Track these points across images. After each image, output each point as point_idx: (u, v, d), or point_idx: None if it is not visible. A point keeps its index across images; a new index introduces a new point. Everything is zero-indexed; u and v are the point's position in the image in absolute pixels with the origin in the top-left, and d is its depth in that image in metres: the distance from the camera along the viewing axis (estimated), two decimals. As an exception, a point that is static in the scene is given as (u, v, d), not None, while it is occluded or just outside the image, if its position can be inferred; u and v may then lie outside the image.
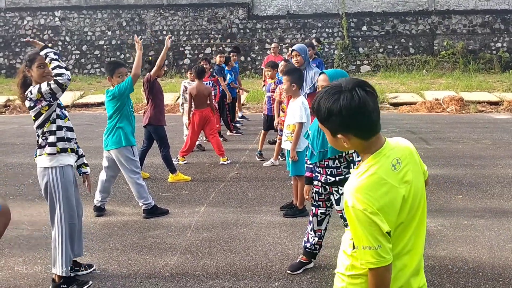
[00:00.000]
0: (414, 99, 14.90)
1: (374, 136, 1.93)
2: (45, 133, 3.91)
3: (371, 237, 1.82)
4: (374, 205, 1.82)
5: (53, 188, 3.88)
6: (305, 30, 20.89)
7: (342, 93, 1.86)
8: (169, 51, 20.70)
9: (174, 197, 6.38)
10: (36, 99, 3.82)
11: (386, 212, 1.84)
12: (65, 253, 3.91)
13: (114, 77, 5.45)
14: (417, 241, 1.98)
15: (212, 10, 21.18)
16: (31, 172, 7.43)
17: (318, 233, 4.21)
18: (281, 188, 6.61)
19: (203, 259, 4.49)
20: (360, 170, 1.92)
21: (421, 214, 1.98)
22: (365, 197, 1.83)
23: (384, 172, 1.88)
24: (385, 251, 1.83)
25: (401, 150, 1.98)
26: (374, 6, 20.77)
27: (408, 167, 1.94)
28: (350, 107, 1.84)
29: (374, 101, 1.88)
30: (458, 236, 4.90)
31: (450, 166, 7.66)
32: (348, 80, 1.92)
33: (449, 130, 10.82)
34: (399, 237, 1.92)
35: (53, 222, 3.96)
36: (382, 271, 1.84)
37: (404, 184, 1.90)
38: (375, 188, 1.85)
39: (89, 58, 21.15)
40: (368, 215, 1.82)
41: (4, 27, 21.55)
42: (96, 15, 21.40)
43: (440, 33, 20.44)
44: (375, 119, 1.89)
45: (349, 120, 1.86)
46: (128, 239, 5.00)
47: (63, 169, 3.91)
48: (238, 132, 10.70)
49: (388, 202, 1.85)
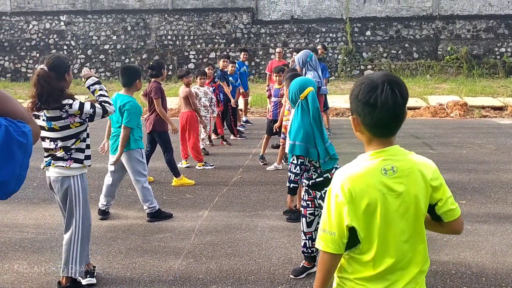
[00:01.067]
0: (418, 104, 14.90)
1: (382, 137, 1.93)
2: (71, 149, 3.90)
3: (330, 222, 1.92)
4: (345, 196, 1.88)
5: (74, 193, 3.94)
6: (309, 35, 20.93)
7: (370, 81, 1.89)
8: (174, 56, 20.81)
9: (178, 201, 6.40)
10: (72, 113, 3.80)
11: (357, 206, 1.88)
12: (80, 255, 3.97)
13: (138, 83, 5.61)
14: (410, 263, 1.95)
15: (216, 15, 21.27)
16: (36, 175, 7.47)
17: (308, 235, 4.23)
18: (285, 192, 6.57)
19: (207, 263, 4.50)
20: (358, 159, 1.96)
21: (409, 234, 1.94)
22: (342, 185, 1.90)
23: (372, 171, 1.91)
24: (335, 241, 1.91)
25: (405, 162, 1.94)
26: (378, 11, 20.80)
27: (401, 180, 1.91)
28: (366, 94, 1.87)
29: (396, 104, 1.86)
30: (461, 241, 4.90)
31: (453, 171, 7.66)
32: (384, 73, 1.92)
33: (453, 135, 10.81)
34: (383, 253, 1.92)
35: (69, 226, 3.98)
36: (326, 256, 1.94)
37: (389, 192, 1.90)
38: (356, 181, 1.89)
39: (94, 62, 21.25)
40: (337, 201, 1.90)
41: (10, 31, 21.69)
42: (101, 19, 21.52)
43: (444, 38, 20.44)
44: (387, 120, 1.88)
45: (360, 106, 1.89)
46: (132, 243, 5.02)
47: (83, 175, 4.02)
48: (242, 137, 10.72)
49: (361, 199, 1.88)
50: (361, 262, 1.96)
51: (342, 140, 9.02)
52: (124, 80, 5.58)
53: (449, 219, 1.99)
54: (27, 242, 5.06)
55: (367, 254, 1.94)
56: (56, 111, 3.78)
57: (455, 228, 2.05)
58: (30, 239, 5.14)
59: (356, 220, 1.89)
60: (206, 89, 9.01)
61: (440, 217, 1.99)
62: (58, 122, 3.82)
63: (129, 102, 5.51)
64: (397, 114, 1.89)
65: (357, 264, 1.97)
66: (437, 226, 2.06)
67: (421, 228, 1.97)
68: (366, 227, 1.91)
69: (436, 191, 1.96)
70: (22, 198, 6.62)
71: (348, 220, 1.88)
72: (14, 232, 5.35)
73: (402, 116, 1.92)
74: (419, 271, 1.97)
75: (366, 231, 1.91)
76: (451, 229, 2.05)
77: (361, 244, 1.93)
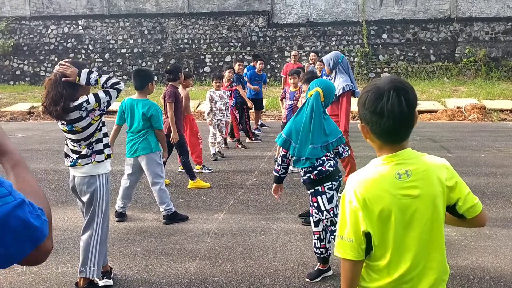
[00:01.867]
0: (435, 107, 14.77)
1: (391, 144, 1.91)
2: (92, 143, 3.89)
3: (346, 228, 1.89)
4: (359, 202, 1.86)
5: (100, 194, 3.96)
6: (324, 38, 20.89)
7: (376, 88, 1.87)
8: (190, 59, 20.93)
9: (193, 203, 6.43)
10: (92, 108, 3.77)
11: (371, 212, 1.86)
12: (99, 256, 4.00)
13: (150, 86, 5.60)
14: (426, 269, 1.92)
15: (232, 18, 21.34)
16: (54, 178, 7.57)
17: (316, 235, 4.24)
18: (300, 195, 6.60)
19: (222, 266, 4.51)
20: (371, 164, 1.95)
21: (426, 239, 1.91)
22: (354, 190, 1.89)
23: (386, 177, 1.89)
24: (353, 248, 1.88)
25: (419, 165, 1.91)
26: (395, 13, 20.68)
27: (416, 183, 1.88)
28: (372, 104, 1.86)
29: (403, 110, 1.84)
30: (479, 246, 4.84)
31: (472, 175, 7.57)
32: (391, 79, 1.90)
33: (471, 138, 10.69)
34: (398, 259, 1.90)
35: (89, 227, 4.01)
36: (348, 264, 1.91)
37: (404, 197, 1.87)
38: (369, 187, 1.88)
39: (111, 66, 21.47)
40: (351, 207, 1.89)
41: (29, 35, 22.02)
42: (118, 23, 21.74)
43: (462, 41, 20.24)
44: (396, 128, 1.86)
45: (368, 114, 1.88)
46: (148, 245, 5.06)
47: (107, 175, 4.05)
48: (257, 140, 10.73)
49: (375, 204, 1.86)
50: (376, 270, 1.94)
51: (359, 143, 8.93)
52: (137, 83, 5.61)
53: (472, 215, 1.96)
54: (45, 244, 5.11)
55: (381, 260, 1.91)
56: (75, 113, 3.75)
57: (479, 222, 2.02)
58: (48, 241, 5.20)
59: (371, 226, 1.87)
60: (221, 92, 9.03)
61: (463, 215, 1.97)
62: (80, 124, 3.80)
63: (152, 106, 5.56)
64: (405, 121, 1.87)
65: (373, 272, 1.95)
66: (460, 222, 2.03)
67: (439, 232, 1.93)
68: (381, 233, 1.88)
69: (453, 191, 1.93)
70: (41, 200, 6.69)
71: (364, 225, 1.87)
72: (33, 234, 5.41)
73: (411, 122, 1.89)
74: (437, 279, 1.93)
75: (380, 237, 1.89)
76: (475, 224, 2.03)
77: (374, 250, 1.91)
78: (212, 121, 8.94)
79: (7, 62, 21.73)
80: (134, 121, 5.62)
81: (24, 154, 9.78)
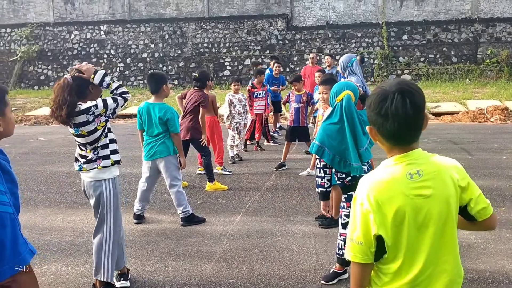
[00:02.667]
0: (457, 108, 14.57)
1: (399, 146, 1.90)
2: (97, 148, 3.92)
3: (356, 231, 1.88)
4: (371, 205, 1.84)
5: (106, 198, 3.98)
6: (344, 40, 20.80)
7: (383, 90, 1.87)
8: (209, 63, 21.05)
9: (211, 205, 6.47)
10: (99, 113, 3.78)
11: (384, 215, 1.84)
12: (112, 259, 4.04)
13: (165, 88, 5.66)
14: (438, 272, 1.89)
15: (251, 22, 21.41)
16: (75, 180, 7.70)
17: (343, 236, 4.20)
18: (317, 198, 6.58)
19: (238, 268, 4.53)
20: (382, 165, 1.94)
21: (439, 239, 1.88)
22: (367, 193, 1.87)
23: (398, 177, 1.87)
24: (362, 251, 1.87)
25: (430, 165, 1.90)
26: (415, 15, 20.49)
27: (428, 183, 1.87)
28: (377, 106, 1.86)
29: (407, 113, 1.82)
30: (499, 249, 4.77)
31: (493, 177, 7.45)
32: (398, 82, 1.89)
33: (492, 140, 10.51)
34: (410, 261, 1.88)
35: (98, 231, 4.05)
36: (357, 267, 1.90)
37: (417, 197, 1.86)
38: (382, 188, 1.86)
39: (132, 70, 21.72)
40: (362, 210, 1.87)
41: (53, 41, 22.43)
42: (139, 28, 22.00)
43: (484, 41, 19.93)
44: (401, 130, 1.85)
45: (373, 116, 1.88)
46: (165, 247, 5.11)
47: (115, 180, 4.04)
48: (275, 142, 10.74)
49: (388, 207, 1.84)
50: (388, 273, 1.91)
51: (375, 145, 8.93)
52: (152, 87, 5.66)
53: (483, 217, 1.95)
54: (65, 245, 5.22)
55: (394, 263, 1.89)
56: (82, 116, 3.76)
57: (489, 226, 2.01)
58: (68, 242, 5.30)
59: (384, 229, 1.84)
60: (240, 96, 9.08)
61: (473, 217, 1.95)
62: (86, 128, 3.80)
63: (168, 110, 5.62)
64: (410, 124, 1.85)
65: (385, 276, 1.92)
66: (469, 225, 2.01)
67: (451, 233, 1.91)
68: (394, 235, 1.86)
69: (465, 191, 1.92)
70: (61, 202, 6.83)
71: (375, 229, 1.84)
72: (53, 235, 5.52)
73: (417, 125, 1.87)
74: (451, 281, 1.91)
75: (394, 239, 1.86)
76: (485, 226, 2.01)
77: (387, 253, 1.89)
78: (231, 124, 8.99)
79: (32, 67, 22.17)
80: (152, 125, 5.68)
81: (46, 157, 9.98)
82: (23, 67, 22.19)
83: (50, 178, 8.24)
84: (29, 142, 11.58)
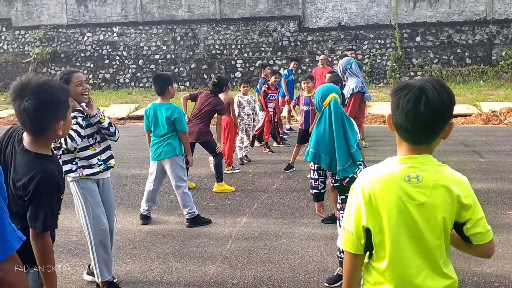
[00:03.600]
0: (470, 110, 14.41)
1: (407, 142, 1.88)
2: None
3: (349, 221, 1.94)
4: (364, 197, 1.89)
5: (76, 200, 4.35)
6: (356, 42, 20.71)
7: (408, 83, 1.86)
8: (221, 65, 21.10)
9: (217, 207, 6.47)
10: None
11: (374, 209, 1.87)
12: (98, 260, 4.14)
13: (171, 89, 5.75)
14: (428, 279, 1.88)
15: (263, 23, 21.42)
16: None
17: None
18: (324, 200, 6.54)
19: (242, 269, 4.53)
20: (386, 161, 1.94)
21: (426, 246, 1.87)
22: (362, 185, 1.91)
23: (396, 177, 1.87)
24: (353, 241, 1.93)
25: (434, 174, 1.85)
26: (429, 16, 20.33)
27: (425, 190, 1.84)
28: (395, 92, 1.87)
29: (418, 109, 1.79)
30: (506, 253, 4.70)
31: (503, 180, 7.35)
32: (427, 79, 1.85)
33: (505, 143, 10.37)
34: (394, 263, 1.88)
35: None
36: (348, 256, 1.97)
37: (409, 200, 1.84)
38: (378, 184, 1.88)
39: (144, 72, 21.85)
40: (356, 201, 1.92)
41: (66, 42, 22.65)
42: (152, 30, 22.13)
43: (499, 43, 19.71)
44: (408, 125, 1.82)
45: (393, 102, 1.88)
46: (170, 247, 5.12)
47: (79, 182, 4.39)
48: (285, 144, 10.72)
49: (379, 202, 1.86)
50: (378, 271, 1.93)
51: (388, 147, 8.85)
52: (158, 88, 5.71)
53: (478, 242, 1.87)
54: (71, 245, 5.26)
55: (381, 262, 1.91)
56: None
57: (484, 252, 1.92)
58: (74, 242, 5.34)
59: (372, 222, 1.89)
60: (249, 97, 9.09)
61: (468, 238, 1.88)
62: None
63: (175, 110, 5.65)
64: (420, 122, 1.80)
65: (376, 273, 1.94)
66: (465, 247, 1.95)
67: (440, 242, 1.87)
68: (381, 231, 1.88)
69: (466, 209, 1.85)
70: (70, 203, 6.83)
71: (365, 220, 1.89)
72: (60, 235, 5.55)
73: (430, 126, 1.83)
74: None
75: (380, 236, 1.88)
76: (480, 252, 1.93)
77: (374, 249, 1.92)
78: (239, 125, 8.99)
79: (45, 69, 22.41)
80: (158, 126, 5.70)
81: (57, 158, 10.05)
82: (37, 68, 22.43)
83: (60, 178, 8.30)
84: (41, 143, 11.68)
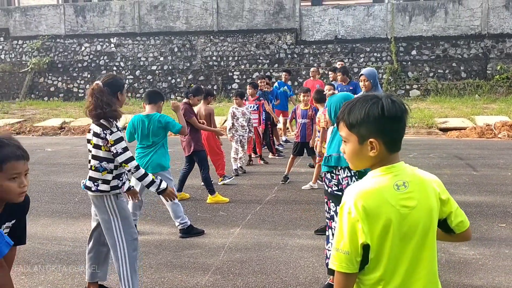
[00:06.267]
0: (464, 124, 14.49)
1: (396, 153, 1.93)
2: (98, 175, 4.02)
3: (343, 240, 1.87)
4: (359, 213, 1.84)
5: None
6: (352, 55, 20.86)
7: (381, 99, 1.89)
8: (218, 76, 21.19)
9: (211, 217, 6.48)
10: (107, 140, 3.91)
11: (372, 223, 1.84)
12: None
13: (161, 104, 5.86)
14: (419, 284, 1.91)
15: (260, 36, 21.56)
16: (78, 191, 7.75)
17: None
18: (318, 211, 6.57)
19: (233, 280, 4.53)
20: (369, 176, 1.95)
21: (419, 251, 1.90)
22: (355, 201, 1.86)
23: (385, 187, 1.88)
24: (348, 260, 1.86)
25: (414, 177, 1.93)
26: (424, 30, 20.52)
27: (413, 194, 1.89)
28: (392, 110, 1.87)
29: (404, 113, 1.92)
30: (497, 266, 4.71)
31: (496, 193, 7.39)
32: (377, 94, 1.95)
33: (498, 156, 10.43)
34: (392, 272, 1.89)
35: None
36: (341, 276, 1.88)
37: (403, 208, 1.87)
38: (370, 197, 1.86)
39: (141, 82, 21.92)
40: (350, 219, 1.86)
41: (63, 53, 22.74)
42: (149, 41, 22.24)
43: (494, 57, 19.88)
44: (403, 133, 1.94)
45: (387, 123, 1.88)
46: (163, 258, 5.12)
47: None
48: (280, 155, 10.74)
49: (376, 215, 1.85)
50: (368, 284, 1.91)
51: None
52: (150, 99, 5.77)
53: (461, 230, 2.02)
54: (64, 255, 5.25)
55: (374, 273, 1.90)
56: (99, 127, 3.91)
57: (466, 237, 2.08)
58: (67, 252, 5.33)
59: (371, 238, 1.85)
60: (244, 109, 9.12)
61: (453, 229, 2.01)
62: (97, 140, 3.93)
63: (163, 115, 5.69)
64: (404, 125, 1.94)
65: (365, 286, 1.92)
66: (447, 237, 2.07)
67: (431, 245, 1.93)
68: (378, 245, 1.87)
69: (445, 205, 1.97)
70: (63, 212, 6.87)
71: (363, 237, 1.84)
72: (53, 245, 5.56)
73: (403, 131, 1.98)
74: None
75: (377, 249, 1.87)
76: (462, 238, 2.08)
77: (368, 263, 1.89)
78: (233, 136, 9.03)
79: (42, 79, 22.46)
80: (145, 136, 5.69)
81: (52, 167, 10.06)
82: (34, 78, 22.49)
83: (54, 188, 8.30)
84: (36, 153, 11.68)
